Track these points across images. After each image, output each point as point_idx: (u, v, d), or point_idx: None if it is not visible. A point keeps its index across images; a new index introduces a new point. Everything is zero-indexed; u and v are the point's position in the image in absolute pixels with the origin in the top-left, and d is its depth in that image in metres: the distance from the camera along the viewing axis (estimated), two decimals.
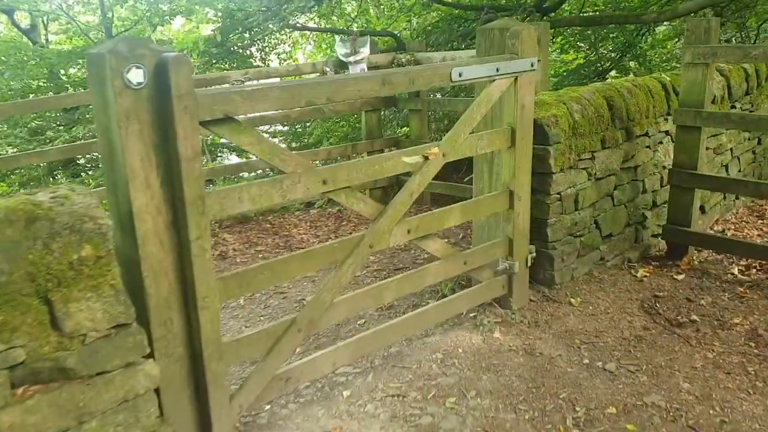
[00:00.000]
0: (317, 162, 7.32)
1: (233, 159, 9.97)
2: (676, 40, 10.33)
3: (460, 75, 2.98)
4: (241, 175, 7.16)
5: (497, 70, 3.13)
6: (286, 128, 9.93)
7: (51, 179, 9.07)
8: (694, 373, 3.08)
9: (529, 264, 3.63)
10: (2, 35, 12.48)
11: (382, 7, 11.30)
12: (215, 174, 6.38)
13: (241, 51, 10.29)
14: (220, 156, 10.22)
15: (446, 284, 3.84)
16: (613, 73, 9.55)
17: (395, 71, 2.81)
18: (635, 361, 3.18)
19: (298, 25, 10.36)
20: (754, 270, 4.26)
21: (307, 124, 9.21)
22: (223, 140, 9.08)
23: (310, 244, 5.42)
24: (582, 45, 9.91)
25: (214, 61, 9.74)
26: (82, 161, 9.63)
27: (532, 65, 3.29)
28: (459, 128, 3.12)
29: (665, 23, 9.62)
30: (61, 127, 8.89)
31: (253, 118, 5.31)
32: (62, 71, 10.07)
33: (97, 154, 7.53)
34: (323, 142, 8.42)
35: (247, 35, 9.93)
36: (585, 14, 9.49)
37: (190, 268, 2.36)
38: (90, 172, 9.24)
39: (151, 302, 2.32)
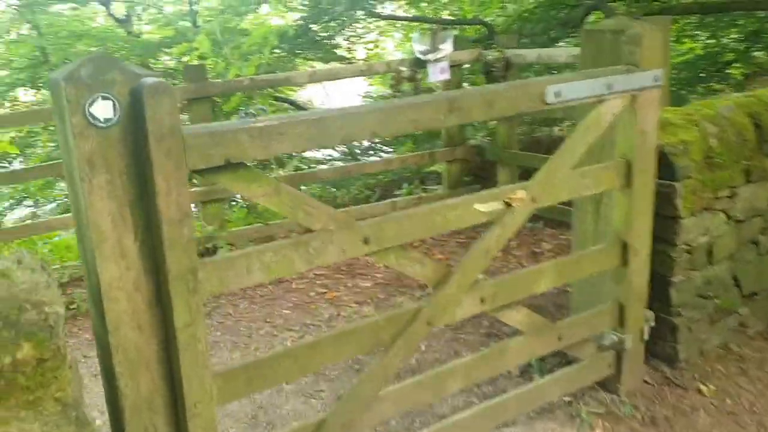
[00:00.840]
0: (392, 170, 6.61)
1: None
2: None
3: (557, 95, 2.19)
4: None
5: (609, 87, 2.31)
6: None
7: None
8: None
9: (645, 337, 2.78)
10: (100, 26, 12.62)
11: None
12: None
13: (326, 42, 9.78)
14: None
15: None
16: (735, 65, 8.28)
17: (466, 93, 2.07)
18: None
19: (383, 14, 9.75)
20: None
21: None
22: None
23: (374, 270, 4.73)
24: (699, 33, 8.65)
25: (298, 51, 9.25)
26: None
27: (655, 79, 2.45)
28: (555, 163, 2.34)
29: None
30: None
31: None
32: (152, 61, 9.91)
33: None
34: (399, 147, 7.69)
35: (333, 24, 9.40)
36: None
37: (177, 364, 1.77)
38: None
39: (127, 403, 1.76)
